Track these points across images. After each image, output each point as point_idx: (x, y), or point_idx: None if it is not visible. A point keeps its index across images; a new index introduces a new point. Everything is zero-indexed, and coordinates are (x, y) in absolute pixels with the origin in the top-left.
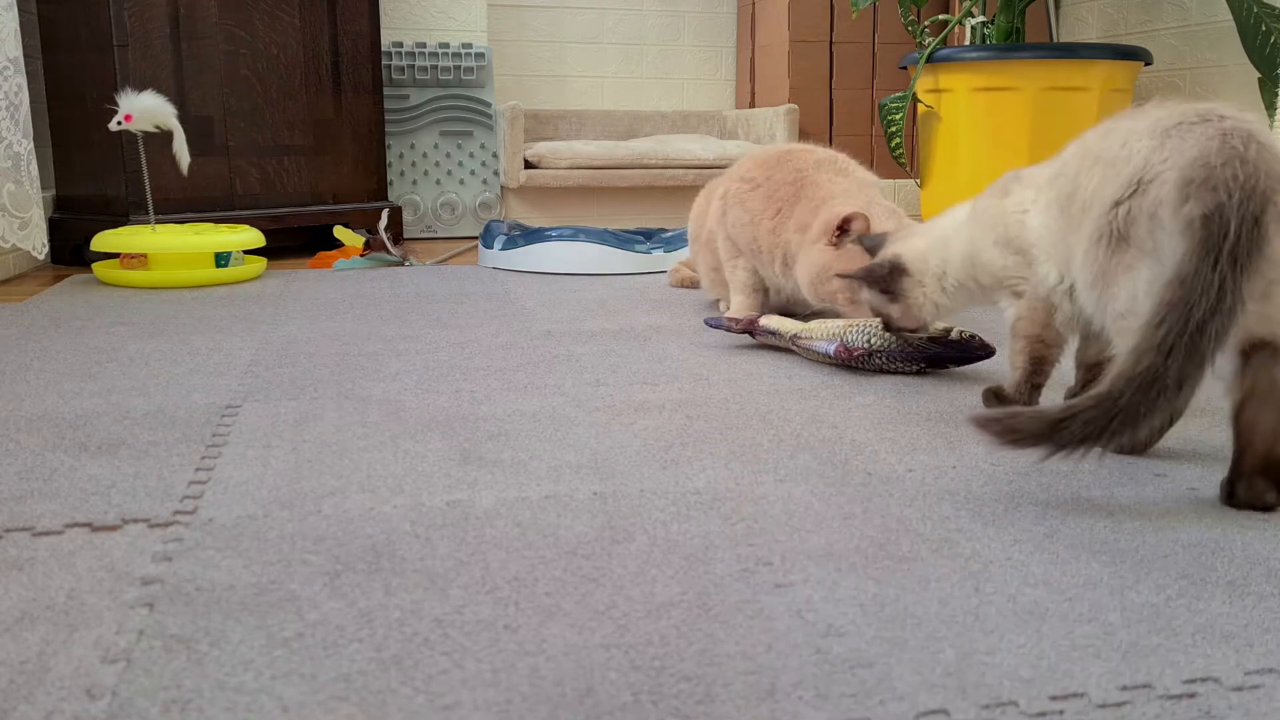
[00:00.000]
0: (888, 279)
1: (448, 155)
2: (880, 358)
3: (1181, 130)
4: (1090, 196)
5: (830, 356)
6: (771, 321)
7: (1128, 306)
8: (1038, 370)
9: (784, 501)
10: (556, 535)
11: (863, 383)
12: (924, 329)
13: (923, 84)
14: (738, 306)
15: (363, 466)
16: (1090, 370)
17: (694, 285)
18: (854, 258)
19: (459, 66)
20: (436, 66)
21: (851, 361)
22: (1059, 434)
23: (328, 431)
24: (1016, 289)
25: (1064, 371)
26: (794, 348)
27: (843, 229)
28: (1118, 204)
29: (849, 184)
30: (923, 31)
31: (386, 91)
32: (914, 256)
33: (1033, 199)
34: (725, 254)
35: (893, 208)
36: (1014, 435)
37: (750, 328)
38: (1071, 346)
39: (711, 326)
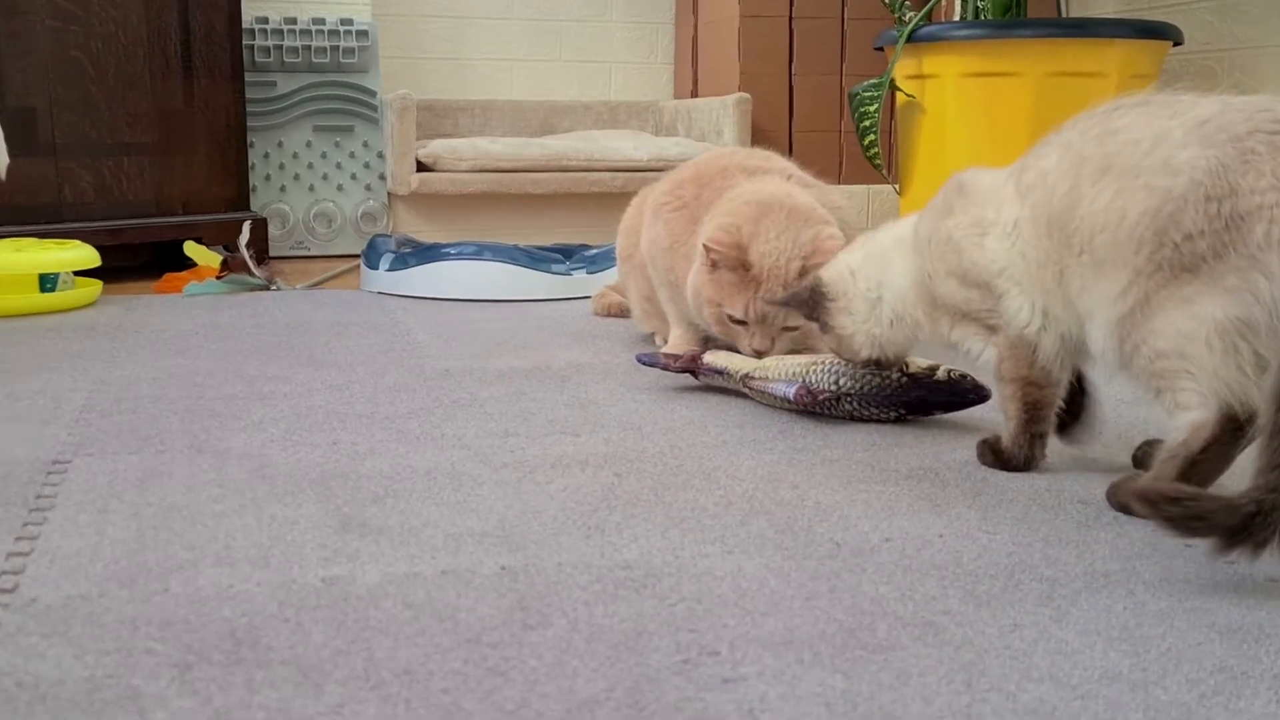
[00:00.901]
0: (809, 305)
1: (323, 155)
2: (851, 402)
3: (1266, 143)
4: (1103, 214)
5: (790, 401)
6: (718, 358)
7: (1173, 345)
8: (1035, 418)
9: (733, 578)
10: (456, 619)
11: (829, 433)
12: (891, 364)
13: (902, 68)
14: (677, 340)
15: (220, 535)
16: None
17: (623, 314)
18: (722, 279)
19: (337, 47)
20: (310, 47)
21: (816, 407)
22: (1256, 529)
23: (177, 492)
24: (989, 322)
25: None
26: (746, 390)
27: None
28: (1190, 235)
29: (754, 187)
30: (903, 5)
31: (249, 78)
32: (835, 277)
33: (992, 217)
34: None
35: (818, 214)
36: (1197, 524)
37: (692, 366)
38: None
39: (645, 365)
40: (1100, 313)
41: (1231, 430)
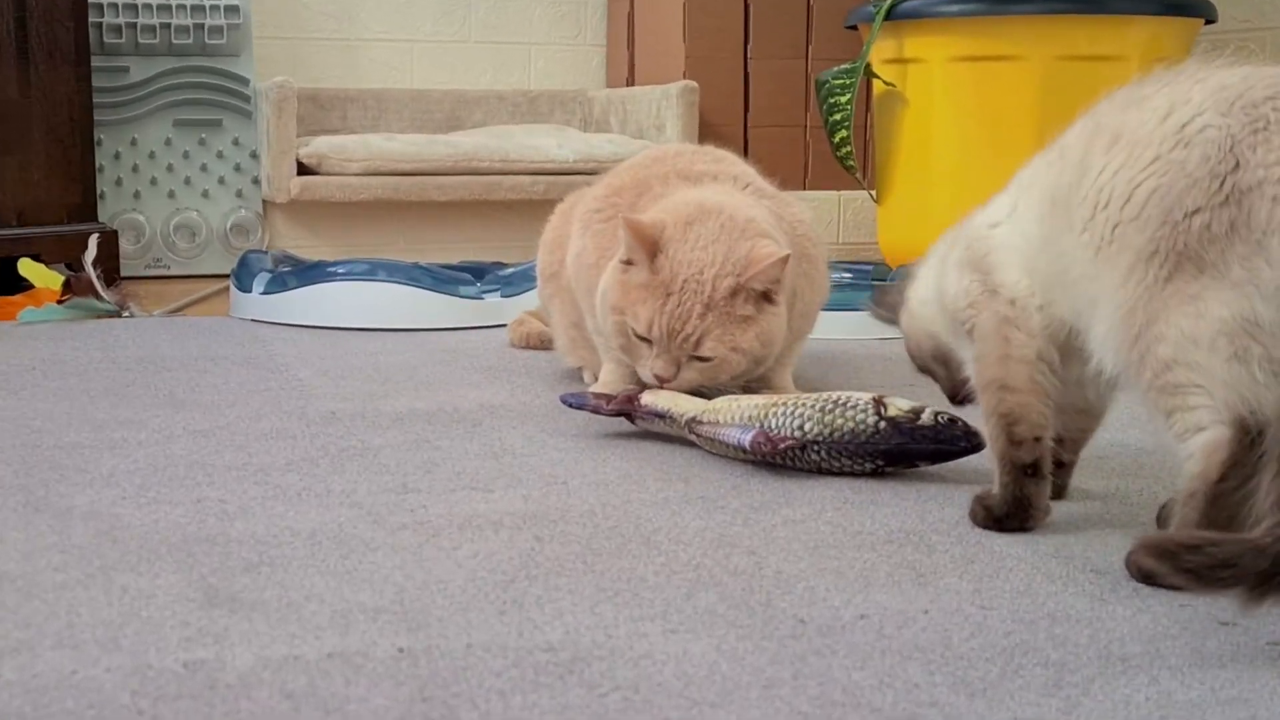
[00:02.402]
0: None
1: (186, 155)
2: (818, 451)
3: None
4: (1109, 188)
5: (746, 449)
6: (659, 399)
7: (1177, 352)
8: (1014, 438)
9: (677, 662)
10: (344, 711)
11: (792, 488)
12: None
13: (880, 50)
14: (609, 376)
15: (62, 611)
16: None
17: (545, 345)
18: (631, 281)
19: (202, 26)
20: (169, 26)
21: (776, 456)
22: None
23: (11, 559)
24: (971, 324)
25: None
26: (692, 437)
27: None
28: (1191, 213)
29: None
30: None
31: (96, 62)
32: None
33: (1009, 207)
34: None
35: (757, 227)
36: (1224, 573)
37: (628, 408)
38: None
39: (571, 407)
40: (1103, 305)
41: (1251, 447)
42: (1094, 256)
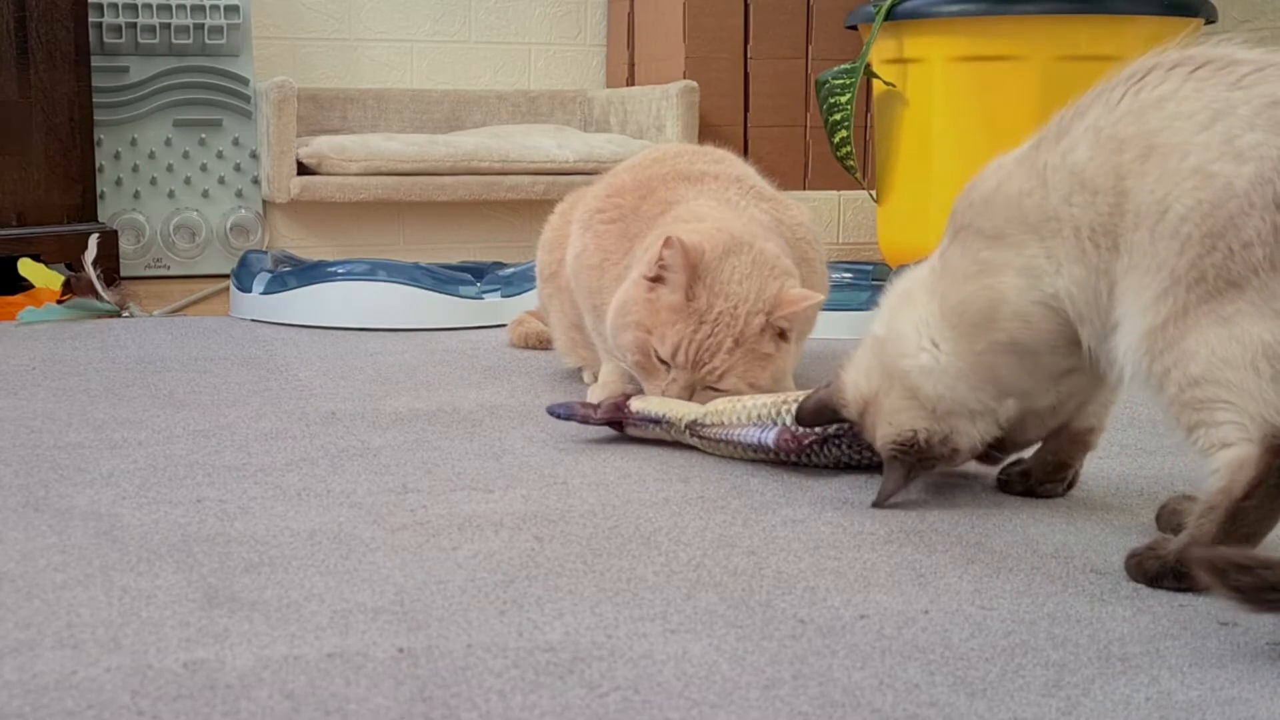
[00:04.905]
0: (932, 461)
1: (185, 155)
2: (839, 445)
3: None
4: (1145, 206)
5: (770, 449)
6: (650, 405)
7: (1207, 370)
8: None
9: (677, 662)
10: (344, 711)
11: (793, 488)
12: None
13: (880, 50)
14: (608, 377)
15: (61, 611)
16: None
17: (545, 345)
18: (661, 301)
19: (202, 26)
20: (169, 26)
21: (801, 453)
22: None
23: (10, 560)
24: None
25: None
26: (693, 440)
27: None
28: (1249, 244)
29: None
30: None
31: (96, 62)
32: (923, 419)
33: (1039, 260)
34: None
35: (784, 265)
36: (1274, 596)
37: (617, 416)
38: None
39: (559, 418)
40: (1128, 321)
41: (1279, 468)
42: (1126, 276)
